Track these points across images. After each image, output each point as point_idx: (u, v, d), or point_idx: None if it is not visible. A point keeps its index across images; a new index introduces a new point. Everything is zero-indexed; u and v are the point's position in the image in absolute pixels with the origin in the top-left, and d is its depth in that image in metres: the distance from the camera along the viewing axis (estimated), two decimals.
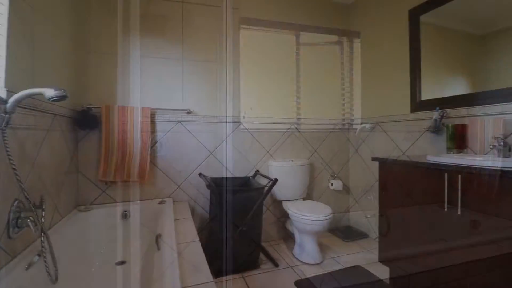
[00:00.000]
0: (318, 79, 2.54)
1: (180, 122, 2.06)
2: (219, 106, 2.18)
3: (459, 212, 1.24)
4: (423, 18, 1.97)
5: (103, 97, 1.86)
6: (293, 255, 2.04)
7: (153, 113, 1.97)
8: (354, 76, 2.65)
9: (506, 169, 1.07)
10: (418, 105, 1.99)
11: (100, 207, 1.79)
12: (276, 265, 1.86)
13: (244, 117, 2.25)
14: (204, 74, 2.13)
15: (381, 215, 1.68)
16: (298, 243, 2.02)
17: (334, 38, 2.63)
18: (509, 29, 1.50)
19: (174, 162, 2.04)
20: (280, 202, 2.27)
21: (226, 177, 2.14)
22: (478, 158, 1.48)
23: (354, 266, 1.87)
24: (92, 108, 1.79)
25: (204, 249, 1.11)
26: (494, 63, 1.58)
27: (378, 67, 2.37)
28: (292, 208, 1.95)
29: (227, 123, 2.19)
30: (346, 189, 2.68)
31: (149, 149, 1.89)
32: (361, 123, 2.51)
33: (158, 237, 1.28)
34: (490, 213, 1.13)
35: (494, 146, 1.47)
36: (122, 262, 1.59)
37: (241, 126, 2.24)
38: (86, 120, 1.76)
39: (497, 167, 1.11)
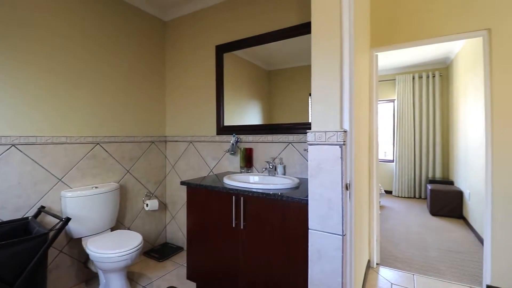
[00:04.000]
0: (130, 95, 2.35)
1: None
2: None
3: (241, 227, 1.56)
4: (227, 55, 2.32)
5: None
6: None
7: None
8: (167, 96, 2.68)
9: (266, 191, 1.46)
10: (221, 129, 2.32)
11: None
12: None
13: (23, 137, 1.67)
14: None
15: (188, 233, 1.80)
16: (102, 284, 1.76)
17: (147, 55, 2.53)
18: (278, 71, 2.07)
19: None
20: (79, 239, 1.89)
21: None
22: (256, 178, 1.93)
23: None
24: None
25: None
26: (274, 98, 2.11)
27: (190, 89, 2.53)
28: (91, 247, 1.66)
29: None
30: (163, 206, 2.68)
31: None
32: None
33: None
34: (261, 224, 1.50)
35: (266, 168, 1.98)
36: None
37: (13, 148, 1.64)
38: None
39: (262, 189, 1.50)
